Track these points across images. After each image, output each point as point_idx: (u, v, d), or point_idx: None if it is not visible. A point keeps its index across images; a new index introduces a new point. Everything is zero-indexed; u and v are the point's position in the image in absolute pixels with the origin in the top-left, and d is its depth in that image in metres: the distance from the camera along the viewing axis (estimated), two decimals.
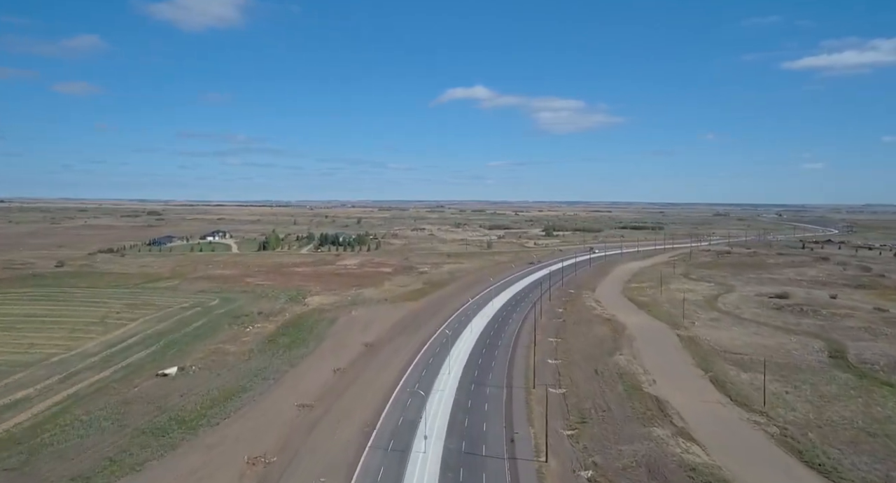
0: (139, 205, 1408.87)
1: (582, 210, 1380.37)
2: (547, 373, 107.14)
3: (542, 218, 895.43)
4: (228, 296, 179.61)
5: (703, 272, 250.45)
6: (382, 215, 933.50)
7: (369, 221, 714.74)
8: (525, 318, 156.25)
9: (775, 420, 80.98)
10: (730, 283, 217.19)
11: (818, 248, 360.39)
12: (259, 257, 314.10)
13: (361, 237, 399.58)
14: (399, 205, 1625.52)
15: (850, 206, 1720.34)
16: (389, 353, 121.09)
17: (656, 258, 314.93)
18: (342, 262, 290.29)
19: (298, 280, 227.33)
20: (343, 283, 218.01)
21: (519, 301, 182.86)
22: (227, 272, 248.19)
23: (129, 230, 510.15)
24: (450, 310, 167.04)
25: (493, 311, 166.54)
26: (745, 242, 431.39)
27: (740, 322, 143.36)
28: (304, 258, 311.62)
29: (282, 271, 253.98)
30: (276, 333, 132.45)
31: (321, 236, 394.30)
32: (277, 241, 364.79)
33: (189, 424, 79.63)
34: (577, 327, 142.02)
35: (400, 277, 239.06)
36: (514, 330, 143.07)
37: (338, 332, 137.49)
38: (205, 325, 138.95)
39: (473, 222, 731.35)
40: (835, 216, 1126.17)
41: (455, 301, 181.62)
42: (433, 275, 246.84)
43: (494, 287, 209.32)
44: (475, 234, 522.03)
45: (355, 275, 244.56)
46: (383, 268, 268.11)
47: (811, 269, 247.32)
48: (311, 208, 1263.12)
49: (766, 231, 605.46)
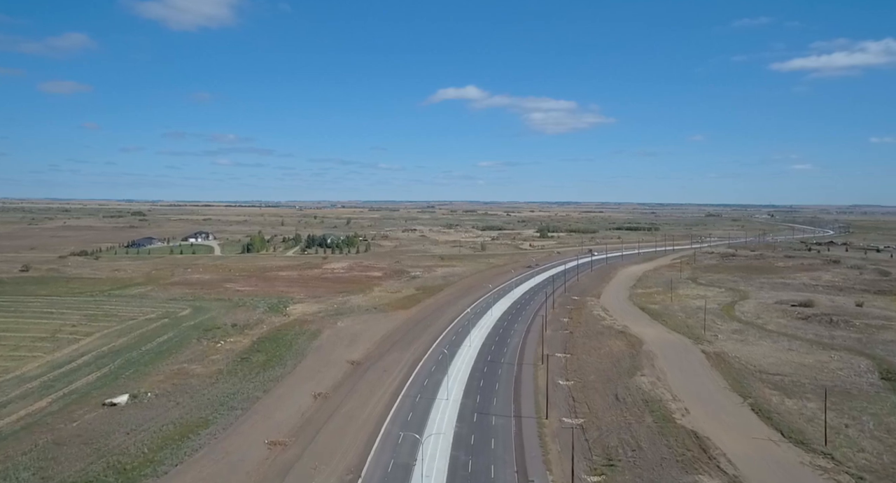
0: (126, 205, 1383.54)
1: (573, 210, 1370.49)
2: (559, 397, 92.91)
3: (535, 218, 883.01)
4: (202, 304, 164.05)
5: (711, 276, 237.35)
6: (372, 216, 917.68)
7: (359, 222, 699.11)
8: (528, 330, 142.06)
9: (844, 465, 67.05)
10: (741, 289, 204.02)
11: (824, 249, 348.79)
12: (242, 260, 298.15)
13: (350, 239, 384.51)
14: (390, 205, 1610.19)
15: (839, 206, 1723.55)
16: (379, 373, 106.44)
17: (658, 261, 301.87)
18: (329, 265, 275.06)
19: (281, 285, 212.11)
20: (329, 289, 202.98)
21: (520, 309, 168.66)
22: (206, 277, 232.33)
23: (109, 231, 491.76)
24: (445, 320, 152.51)
25: (493, 320, 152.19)
26: (745, 244, 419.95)
27: (767, 335, 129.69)
28: (290, 261, 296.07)
29: (264, 276, 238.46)
30: (250, 350, 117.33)
31: (308, 238, 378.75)
32: (262, 243, 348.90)
33: (130, 474, 64.58)
34: (587, 341, 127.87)
35: (390, 282, 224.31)
36: (517, 344, 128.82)
37: (321, 347, 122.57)
38: (170, 340, 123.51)
39: (465, 223, 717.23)
40: (826, 217, 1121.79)
41: (451, 310, 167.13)
42: (426, 279, 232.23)
43: (492, 293, 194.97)
44: (468, 235, 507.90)
45: (342, 279, 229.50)
46: (373, 271, 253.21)
47: (825, 272, 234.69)
48: (300, 208, 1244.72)
49: (764, 232, 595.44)
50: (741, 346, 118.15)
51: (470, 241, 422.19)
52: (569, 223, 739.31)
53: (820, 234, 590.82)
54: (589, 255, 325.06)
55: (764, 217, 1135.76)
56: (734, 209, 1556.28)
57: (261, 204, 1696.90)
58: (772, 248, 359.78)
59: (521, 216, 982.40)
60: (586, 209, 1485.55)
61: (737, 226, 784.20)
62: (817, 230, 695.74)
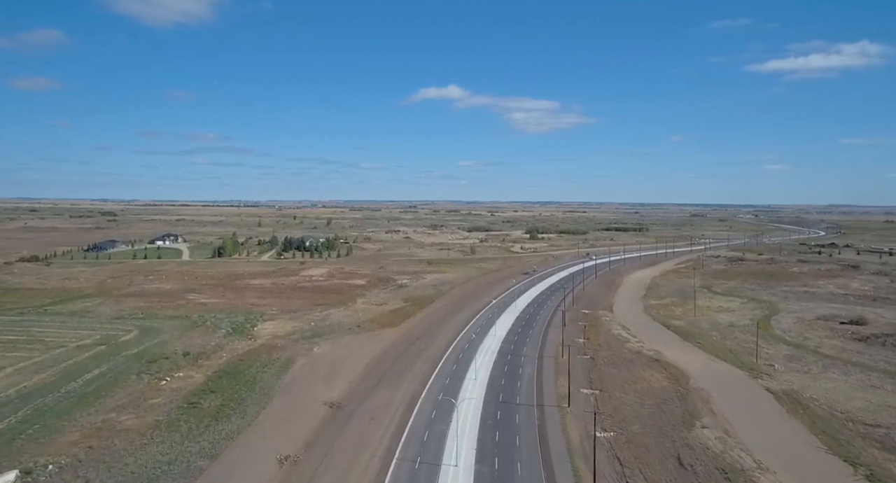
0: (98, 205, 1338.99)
1: (555, 210, 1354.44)
2: (601, 459, 70.52)
3: (520, 219, 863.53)
4: (153, 324, 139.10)
5: (726, 284, 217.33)
6: (354, 216, 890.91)
7: (340, 223, 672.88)
8: (541, 355, 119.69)
9: None
10: (765, 299, 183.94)
11: (827, 252, 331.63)
12: (211, 266, 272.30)
13: (331, 241, 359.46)
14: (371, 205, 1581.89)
15: (815, 206, 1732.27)
16: (364, 421, 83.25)
17: (662, 265, 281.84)
18: (307, 271, 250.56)
19: (252, 297, 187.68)
20: (306, 301, 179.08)
21: (526, 326, 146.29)
22: (167, 286, 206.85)
23: (73, 233, 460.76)
24: (442, 342, 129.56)
25: (497, 342, 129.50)
26: (745, 246, 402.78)
27: (831, 363, 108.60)
28: (264, 267, 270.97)
29: (234, 285, 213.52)
30: (202, 390, 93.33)
31: (285, 240, 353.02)
32: (235, 246, 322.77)
33: None
34: (615, 371, 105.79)
35: (375, 292, 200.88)
36: (531, 375, 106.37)
37: (292, 383, 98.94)
38: (102, 376, 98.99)
39: (450, 223, 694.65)
40: (811, 217, 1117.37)
41: (446, 328, 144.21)
42: (414, 288, 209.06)
43: (491, 306, 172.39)
44: (454, 236, 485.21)
45: (321, 289, 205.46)
46: (355, 279, 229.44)
47: (849, 280, 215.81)
48: (279, 208, 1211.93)
49: (757, 233, 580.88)
50: (810, 381, 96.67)
51: (458, 244, 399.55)
52: (555, 224, 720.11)
53: (813, 235, 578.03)
54: (587, 259, 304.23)
55: (748, 217, 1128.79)
56: (715, 209, 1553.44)
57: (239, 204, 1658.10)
58: (777, 251, 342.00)
59: (506, 216, 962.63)
60: (569, 209, 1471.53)
61: (725, 226, 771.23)
62: (806, 230, 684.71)
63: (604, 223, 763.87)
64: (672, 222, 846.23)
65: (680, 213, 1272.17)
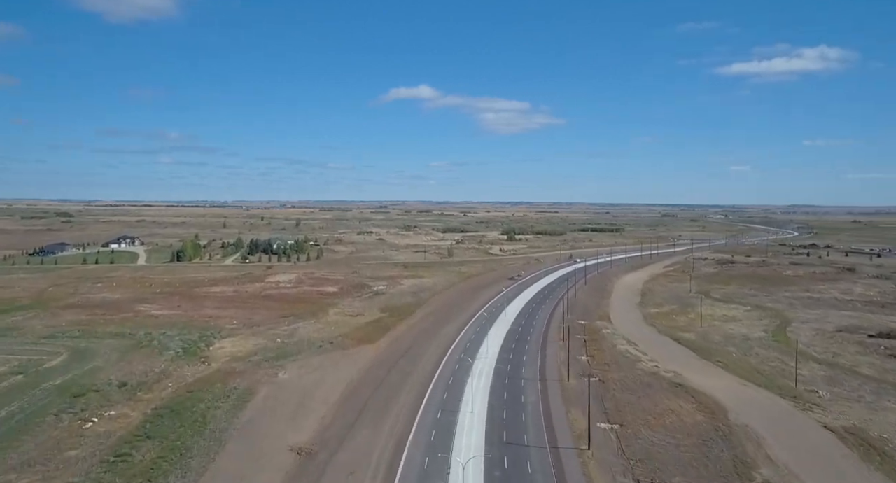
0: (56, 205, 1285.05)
1: (527, 210, 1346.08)
2: None
3: (493, 219, 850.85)
4: (89, 344, 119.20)
5: (723, 289, 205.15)
6: (324, 216, 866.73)
7: (309, 224, 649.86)
8: (543, 376, 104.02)
9: None
10: (770, 307, 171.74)
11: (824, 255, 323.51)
12: (168, 271, 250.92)
13: (300, 244, 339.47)
14: (341, 205, 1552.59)
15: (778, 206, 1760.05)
16: (340, 478, 66.11)
17: (650, 269, 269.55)
18: (274, 277, 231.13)
19: (211, 307, 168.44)
20: (272, 313, 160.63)
21: (521, 340, 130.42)
22: (116, 296, 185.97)
23: (20, 235, 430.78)
24: (428, 363, 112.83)
25: (491, 361, 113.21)
26: (727, 247, 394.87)
27: (879, 387, 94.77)
28: (227, 272, 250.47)
29: (192, 294, 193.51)
30: (136, 435, 74.94)
31: (251, 243, 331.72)
32: (196, 249, 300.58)
33: None
34: (633, 398, 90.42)
35: (349, 301, 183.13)
36: (535, 403, 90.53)
37: (251, 422, 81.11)
38: (9, 419, 79.66)
39: (423, 224, 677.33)
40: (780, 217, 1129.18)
41: (431, 344, 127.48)
42: (392, 296, 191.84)
43: (479, 317, 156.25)
44: (429, 237, 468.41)
45: (289, 298, 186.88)
46: (326, 286, 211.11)
47: (850, 284, 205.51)
48: (246, 209, 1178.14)
49: (733, 234, 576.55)
50: (868, 414, 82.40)
51: (434, 245, 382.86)
52: (530, 224, 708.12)
53: (787, 235, 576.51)
54: (571, 262, 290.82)
55: (718, 217, 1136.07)
56: (683, 209, 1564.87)
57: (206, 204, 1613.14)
58: (763, 253, 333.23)
59: (479, 216, 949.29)
60: (540, 209, 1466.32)
61: (697, 226, 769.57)
62: (778, 230, 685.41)
63: (578, 223, 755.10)
64: (645, 223, 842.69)
65: (650, 214, 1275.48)
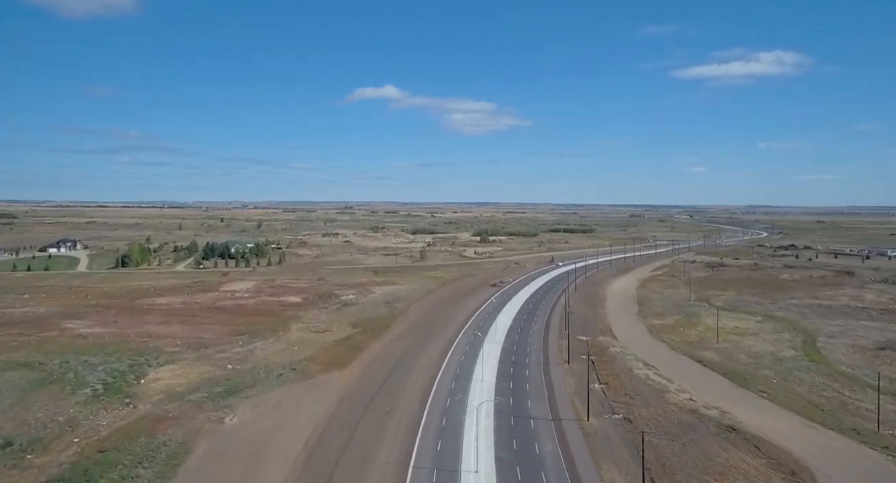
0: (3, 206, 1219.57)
1: (494, 211, 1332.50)
2: None
3: (462, 220, 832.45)
4: None
5: (722, 295, 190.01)
6: (287, 217, 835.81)
7: (272, 225, 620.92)
8: (556, 413, 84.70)
9: None
10: (780, 316, 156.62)
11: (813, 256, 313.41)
12: (110, 279, 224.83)
13: (260, 247, 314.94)
14: (305, 206, 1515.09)
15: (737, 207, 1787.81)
16: None
17: (637, 273, 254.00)
18: (229, 285, 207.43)
19: (153, 323, 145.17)
20: (224, 329, 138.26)
21: (518, 362, 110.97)
22: (41, 310, 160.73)
23: None
24: (412, 396, 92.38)
25: (488, 392, 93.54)
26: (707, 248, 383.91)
27: None
28: (177, 279, 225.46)
29: (133, 306, 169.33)
30: None
31: (206, 246, 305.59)
32: (143, 253, 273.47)
33: None
34: (676, 447, 71.69)
35: (314, 313, 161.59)
36: (554, 452, 71.39)
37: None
38: None
39: (391, 225, 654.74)
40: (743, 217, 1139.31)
41: (413, 369, 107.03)
42: (363, 307, 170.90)
43: (465, 332, 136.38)
44: (398, 239, 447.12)
45: (246, 310, 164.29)
46: (289, 295, 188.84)
47: (858, 290, 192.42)
48: (206, 210, 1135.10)
49: (705, 234, 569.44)
50: None
51: (404, 248, 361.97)
52: (500, 225, 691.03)
53: (758, 236, 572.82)
54: (552, 265, 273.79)
55: (684, 217, 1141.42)
56: (647, 209, 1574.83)
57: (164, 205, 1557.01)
58: (748, 254, 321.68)
59: (447, 217, 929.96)
60: (506, 209, 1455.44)
61: (666, 227, 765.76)
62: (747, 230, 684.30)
63: (548, 224, 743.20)
64: (614, 223, 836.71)
65: (615, 214, 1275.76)
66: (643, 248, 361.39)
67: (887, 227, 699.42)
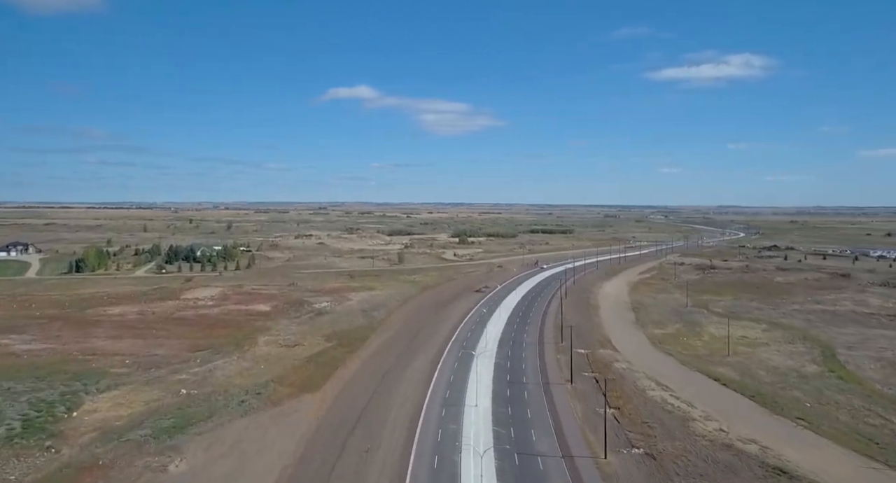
0: None
1: (469, 212, 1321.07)
2: None
3: (438, 221, 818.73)
4: None
5: (719, 301, 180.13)
6: (259, 218, 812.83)
7: (243, 226, 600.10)
8: (566, 449, 71.98)
9: None
10: (786, 323, 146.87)
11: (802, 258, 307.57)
12: (60, 286, 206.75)
13: (229, 250, 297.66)
14: (278, 207, 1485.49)
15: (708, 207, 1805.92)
16: None
17: (625, 276, 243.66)
18: (192, 293, 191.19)
19: (101, 337, 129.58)
20: (181, 344, 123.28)
21: (516, 382, 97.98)
22: None
23: None
24: (397, 428, 78.86)
25: (484, 420, 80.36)
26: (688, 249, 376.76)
27: None
28: (135, 286, 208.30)
29: (81, 318, 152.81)
30: None
31: (170, 250, 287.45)
32: (101, 257, 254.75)
33: None
34: None
35: (284, 323, 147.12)
36: None
37: None
38: None
39: (366, 227, 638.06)
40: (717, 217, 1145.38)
41: (397, 390, 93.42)
42: (338, 316, 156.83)
43: (452, 346, 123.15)
44: (374, 241, 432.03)
45: (208, 321, 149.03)
46: (257, 303, 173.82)
47: (860, 294, 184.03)
48: (175, 211, 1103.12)
49: (683, 234, 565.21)
50: None
51: (381, 250, 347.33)
52: (478, 226, 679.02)
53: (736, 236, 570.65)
54: (537, 268, 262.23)
55: (659, 218, 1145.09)
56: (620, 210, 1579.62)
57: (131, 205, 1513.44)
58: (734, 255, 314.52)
59: (422, 218, 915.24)
60: (482, 210, 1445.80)
61: (643, 227, 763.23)
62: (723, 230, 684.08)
63: (524, 224, 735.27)
64: (590, 224, 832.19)
65: (590, 214, 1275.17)
66: (626, 250, 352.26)
67: (858, 227, 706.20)
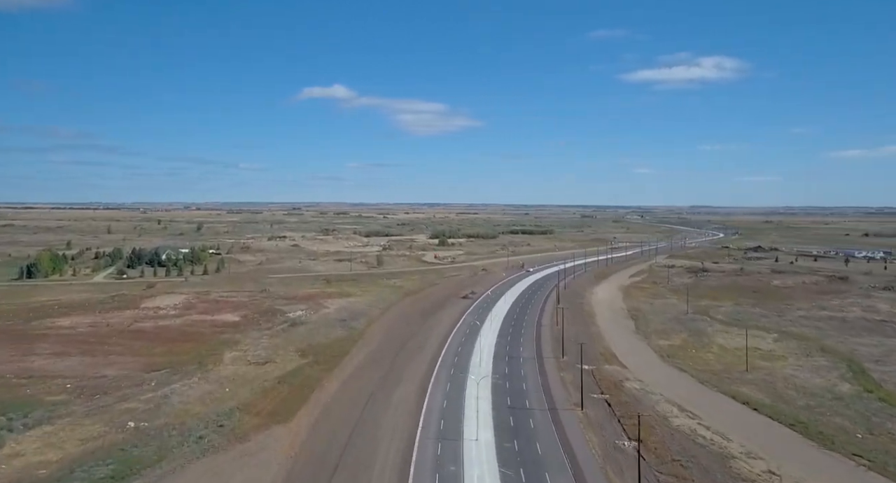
0: None
1: (446, 212, 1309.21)
2: None
3: (415, 221, 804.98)
4: None
5: (721, 307, 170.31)
6: (231, 219, 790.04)
7: (214, 227, 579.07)
8: None
9: None
10: (796, 332, 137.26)
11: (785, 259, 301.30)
12: (8, 294, 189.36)
13: (196, 253, 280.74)
14: (251, 207, 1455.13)
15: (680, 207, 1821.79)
16: None
17: (616, 279, 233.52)
18: (154, 301, 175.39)
19: (43, 354, 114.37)
20: (136, 363, 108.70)
21: (518, 407, 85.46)
22: None
23: None
24: (387, 465, 65.91)
25: (491, 463, 67.79)
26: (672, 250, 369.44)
27: None
28: (92, 293, 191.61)
29: (24, 330, 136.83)
30: None
31: (132, 253, 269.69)
32: (55, 262, 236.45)
33: None
34: None
35: (254, 336, 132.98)
36: None
37: None
38: None
39: (342, 227, 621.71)
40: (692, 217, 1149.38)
41: (383, 418, 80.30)
42: (314, 327, 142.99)
43: (443, 363, 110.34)
44: (351, 243, 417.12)
45: (169, 333, 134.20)
46: (225, 312, 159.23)
47: (865, 298, 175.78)
48: (143, 211, 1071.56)
49: (664, 234, 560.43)
50: None
51: (358, 252, 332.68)
52: (457, 226, 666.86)
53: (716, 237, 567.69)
54: (524, 271, 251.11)
55: (636, 218, 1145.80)
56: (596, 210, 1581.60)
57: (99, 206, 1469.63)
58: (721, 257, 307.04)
59: (399, 218, 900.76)
60: (458, 210, 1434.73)
61: (621, 227, 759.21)
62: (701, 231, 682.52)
63: (502, 225, 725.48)
64: (568, 224, 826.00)
65: (566, 214, 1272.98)
66: (611, 251, 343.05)
67: (833, 227, 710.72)
